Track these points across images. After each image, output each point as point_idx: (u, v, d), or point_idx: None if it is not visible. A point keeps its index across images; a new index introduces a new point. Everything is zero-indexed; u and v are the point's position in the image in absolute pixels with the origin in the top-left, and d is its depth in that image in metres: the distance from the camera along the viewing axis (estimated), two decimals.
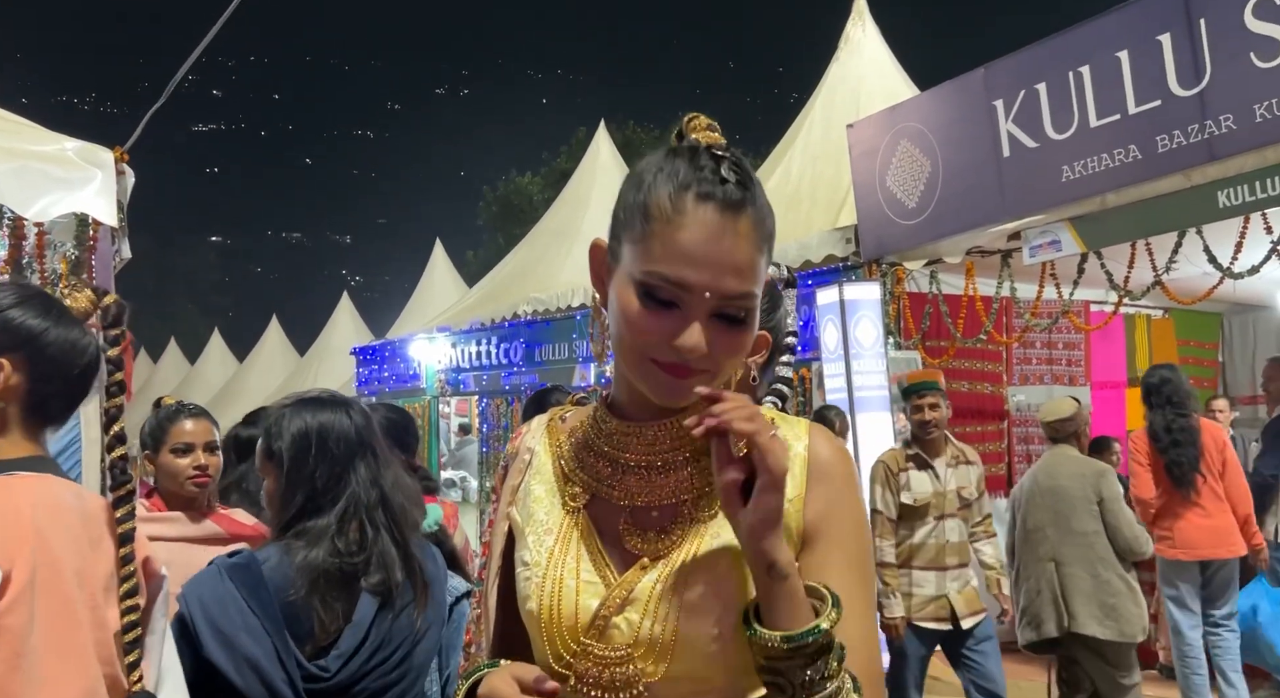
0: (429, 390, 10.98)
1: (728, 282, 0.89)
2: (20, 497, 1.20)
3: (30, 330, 1.29)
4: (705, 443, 0.94)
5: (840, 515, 0.96)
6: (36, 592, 1.13)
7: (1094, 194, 4.59)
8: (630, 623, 0.92)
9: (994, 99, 5.05)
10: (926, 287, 6.19)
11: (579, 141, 20.92)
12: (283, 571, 1.61)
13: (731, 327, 0.91)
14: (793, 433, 1.00)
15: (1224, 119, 3.94)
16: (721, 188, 0.90)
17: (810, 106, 8.39)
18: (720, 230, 0.89)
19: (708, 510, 0.96)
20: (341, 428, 1.71)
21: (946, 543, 4.13)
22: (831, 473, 0.98)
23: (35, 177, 2.40)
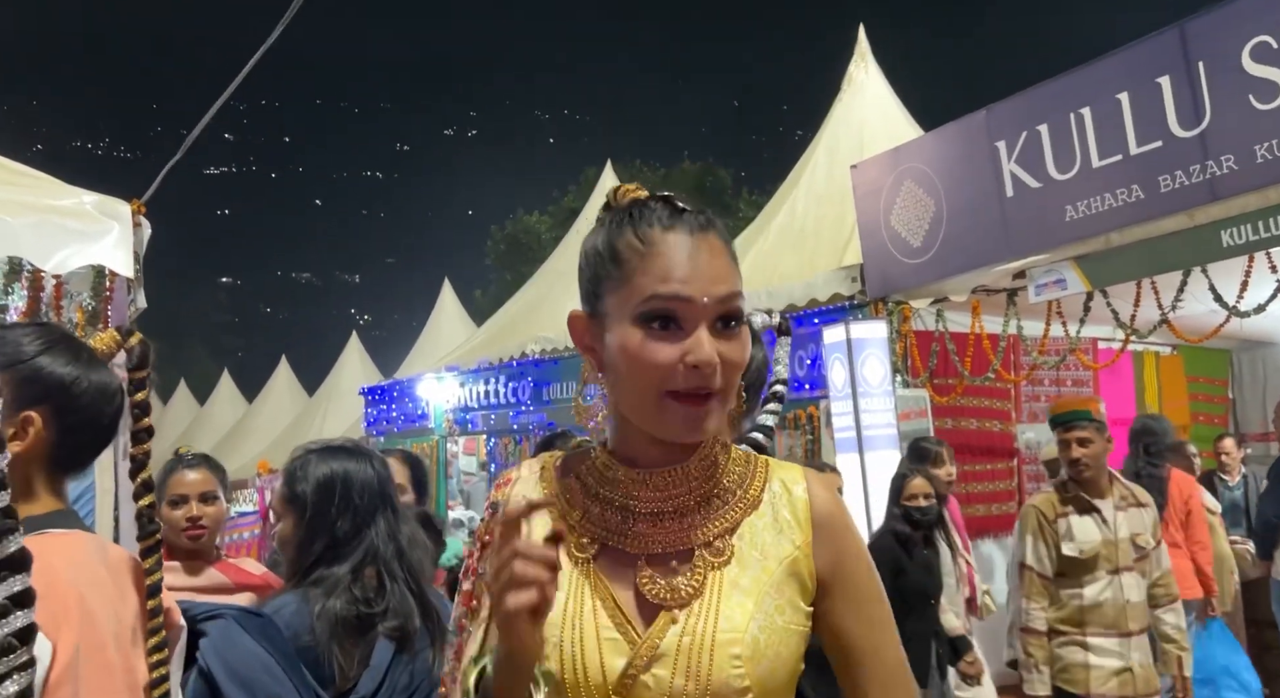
0: (437, 430, 10.98)
1: (718, 286, 0.95)
2: (57, 558, 1.14)
3: (61, 380, 1.21)
4: (713, 487, 0.99)
5: (851, 558, 1.01)
6: (80, 663, 1.08)
7: (1098, 233, 4.62)
8: (659, 679, 0.92)
9: (996, 140, 5.10)
10: (933, 325, 6.21)
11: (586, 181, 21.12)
12: (301, 617, 1.62)
13: (731, 332, 0.96)
14: (790, 477, 1.04)
15: (1225, 159, 3.97)
16: (682, 217, 0.97)
17: (814, 147, 8.48)
18: (695, 247, 0.96)
19: (720, 556, 0.98)
20: (365, 478, 1.74)
21: (1128, 603, 3.46)
22: (833, 520, 1.02)
23: (54, 230, 2.45)
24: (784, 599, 0.97)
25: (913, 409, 6.13)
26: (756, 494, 1.02)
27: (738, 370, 0.97)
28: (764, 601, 0.96)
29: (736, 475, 1.03)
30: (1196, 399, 7.46)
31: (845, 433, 5.95)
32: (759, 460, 1.06)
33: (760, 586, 0.97)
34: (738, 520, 1.00)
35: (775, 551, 0.99)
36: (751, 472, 1.04)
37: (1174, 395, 7.31)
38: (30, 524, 1.16)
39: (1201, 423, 7.33)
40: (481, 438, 10.61)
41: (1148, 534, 3.55)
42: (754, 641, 0.93)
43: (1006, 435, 6.59)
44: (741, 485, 1.02)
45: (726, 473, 1.03)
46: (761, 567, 0.98)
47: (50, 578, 1.09)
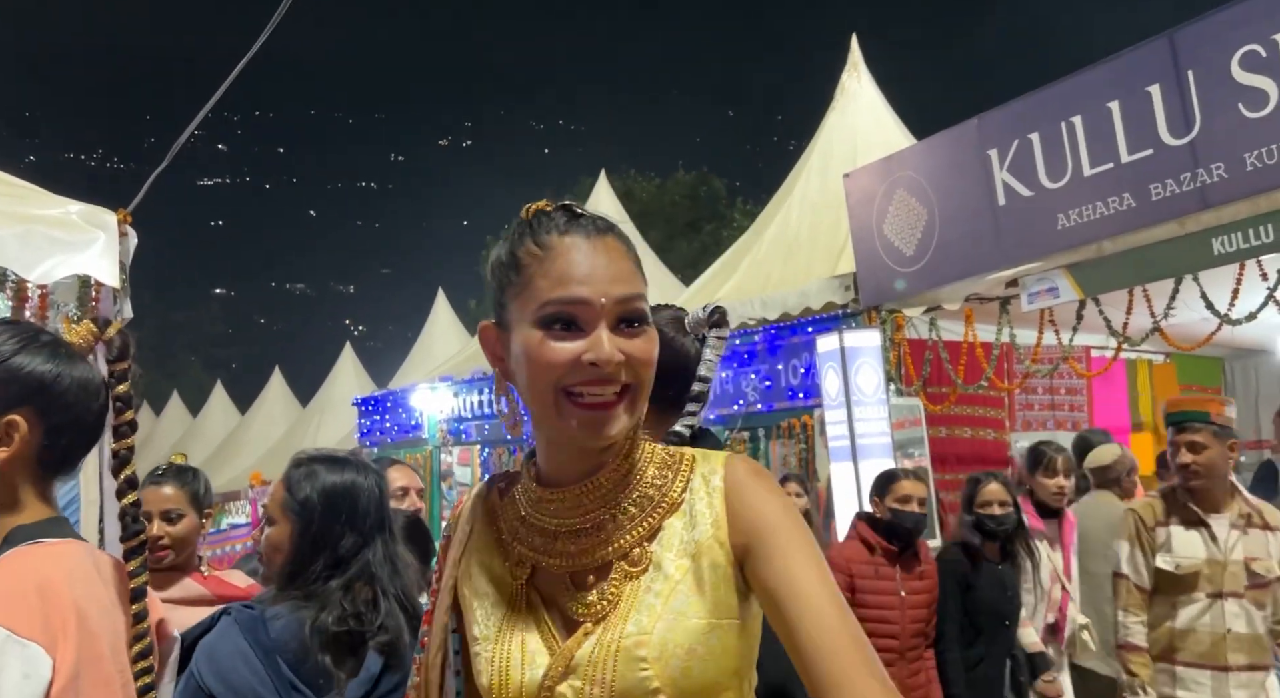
0: (431, 440, 10.95)
1: (616, 288, 0.95)
2: (53, 570, 1.11)
3: (41, 379, 1.15)
4: (629, 496, 0.98)
5: (761, 513, 0.96)
6: (81, 677, 1.06)
7: (1090, 241, 4.63)
8: (575, 689, 0.93)
9: (988, 149, 5.11)
10: (926, 333, 6.21)
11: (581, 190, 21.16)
12: (292, 629, 1.61)
13: (635, 330, 0.96)
14: (709, 469, 1.02)
15: (1215, 168, 3.98)
16: (579, 221, 0.99)
17: (808, 156, 8.51)
18: (592, 248, 0.97)
19: (637, 566, 0.97)
20: (370, 494, 1.74)
21: (1229, 633, 3.05)
22: (745, 483, 0.99)
23: (39, 240, 2.43)
24: (700, 594, 0.95)
25: (907, 418, 6.13)
26: (676, 496, 1.00)
27: (646, 367, 0.96)
28: (673, 599, 0.95)
29: (655, 479, 1.01)
30: None
31: (839, 442, 5.95)
32: (683, 458, 1.03)
33: (671, 584, 0.96)
34: (655, 526, 0.99)
35: (689, 546, 0.97)
36: (674, 473, 1.02)
37: None
38: (22, 534, 1.14)
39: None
40: (476, 448, 10.57)
41: (1271, 561, 3.10)
42: (661, 641, 0.92)
43: (1000, 444, 6.59)
44: (660, 489, 1.01)
45: (644, 480, 1.01)
46: (678, 568, 0.97)
47: (50, 593, 1.07)
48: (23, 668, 0.99)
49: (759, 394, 6.94)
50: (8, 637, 1.00)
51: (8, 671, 0.98)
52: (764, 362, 7.01)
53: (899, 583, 3.54)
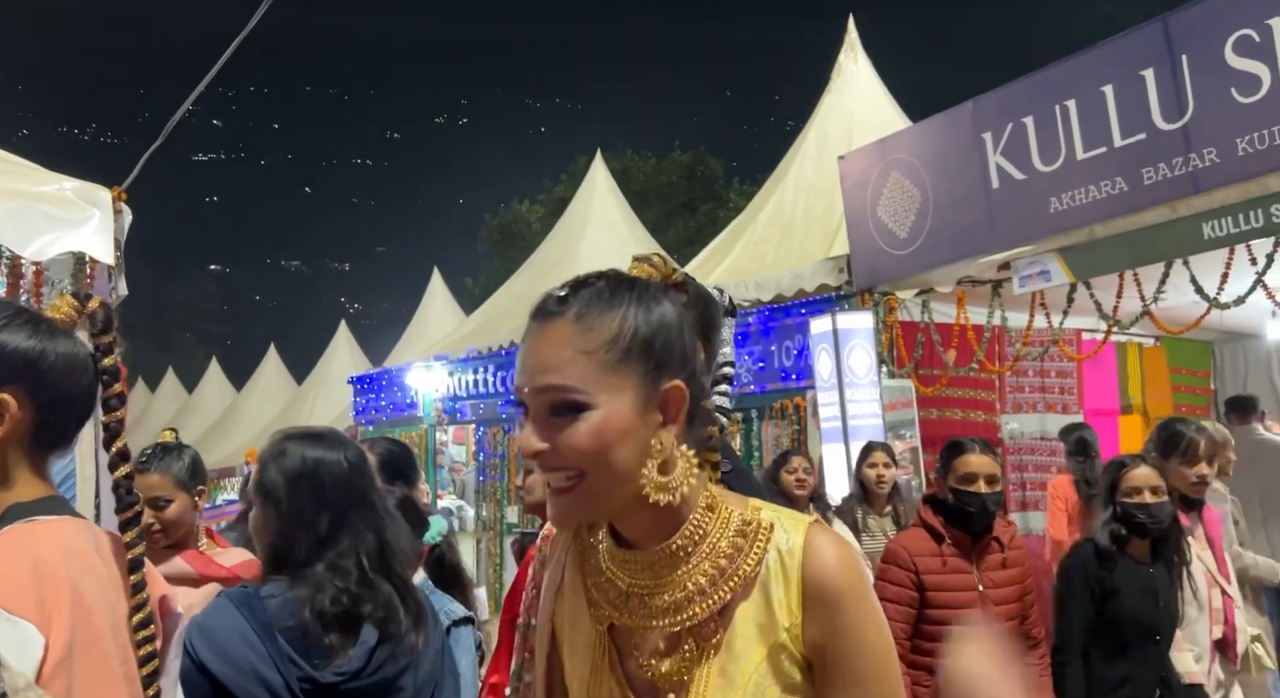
0: (426, 419, 10.98)
1: (537, 378, 0.97)
2: (48, 548, 1.10)
3: (26, 356, 1.14)
4: (700, 565, 0.99)
5: (843, 635, 0.95)
6: (75, 655, 1.05)
7: (1082, 225, 4.65)
8: None
9: (982, 131, 5.12)
10: (918, 316, 6.24)
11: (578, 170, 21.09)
12: (289, 607, 1.63)
13: (564, 418, 0.95)
14: (789, 543, 0.99)
15: (1207, 153, 4.00)
16: (541, 305, 1.02)
17: (803, 137, 8.49)
18: (534, 339, 1.00)
19: (708, 642, 0.98)
20: (338, 470, 1.73)
21: None
22: (826, 591, 0.96)
23: (34, 216, 2.43)
24: (777, 684, 0.96)
25: (899, 400, 6.17)
26: (750, 571, 0.99)
27: (583, 455, 0.95)
28: (749, 688, 0.96)
29: (729, 549, 1.00)
30: (1179, 390, 7.52)
31: (831, 423, 5.99)
32: (759, 526, 1.01)
33: (746, 675, 0.96)
34: (728, 600, 0.99)
35: (766, 634, 0.98)
36: (751, 540, 1.00)
37: (1156, 387, 7.37)
38: (17, 512, 1.13)
39: (1184, 414, 7.38)
40: (471, 427, 10.61)
41: None
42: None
43: (990, 426, 6.64)
44: (733, 561, 0.99)
45: (716, 550, 1.00)
46: (751, 655, 0.97)
47: (45, 571, 1.07)
48: (14, 645, 0.99)
49: (752, 375, 6.97)
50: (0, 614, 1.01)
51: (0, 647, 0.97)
52: (757, 343, 7.04)
53: (976, 576, 3.00)
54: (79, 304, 1.21)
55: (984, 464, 3.03)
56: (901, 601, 2.97)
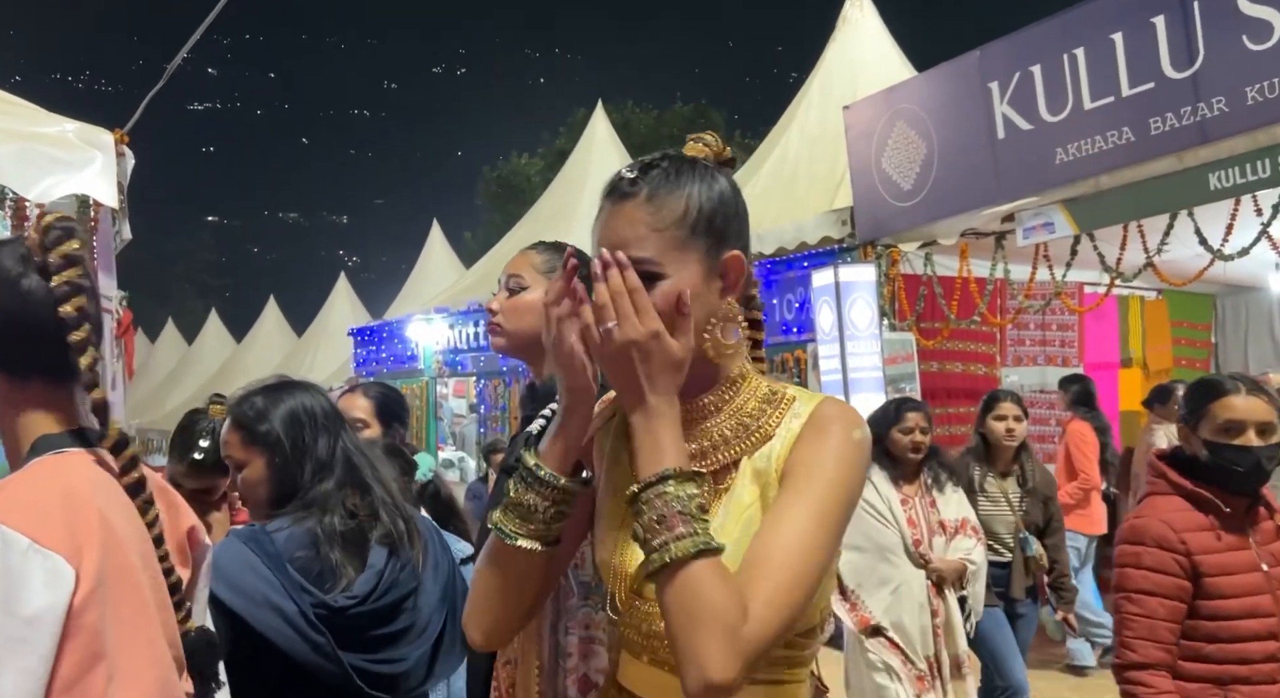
0: (427, 371, 11.01)
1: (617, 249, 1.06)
2: (77, 478, 1.11)
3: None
4: (724, 422, 1.12)
5: (814, 456, 1.05)
6: (107, 585, 1.06)
7: (1087, 176, 4.62)
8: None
9: (989, 81, 5.06)
10: (921, 268, 6.23)
11: (577, 122, 20.86)
12: (297, 538, 1.67)
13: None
14: (804, 407, 1.12)
15: (1216, 102, 3.96)
16: (615, 186, 1.11)
17: (808, 88, 8.39)
18: (610, 217, 1.10)
19: (721, 484, 1.10)
20: (321, 405, 1.82)
21: None
22: (819, 427, 1.08)
23: (37, 158, 2.41)
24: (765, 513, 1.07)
25: (899, 353, 6.18)
26: (768, 431, 1.11)
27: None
28: (745, 525, 1.06)
29: (754, 411, 1.12)
30: (1179, 344, 7.54)
31: (831, 376, 6.01)
32: (783, 399, 1.13)
33: (742, 510, 1.08)
34: (747, 451, 1.11)
35: (759, 478, 1.09)
36: (775, 406, 1.13)
37: (1157, 340, 7.38)
38: (46, 444, 1.14)
39: (1184, 367, 7.41)
40: (471, 380, 10.64)
41: None
42: (733, 556, 1.01)
43: (991, 379, 6.67)
44: (757, 421, 1.12)
45: (744, 411, 1.13)
46: (750, 494, 1.09)
47: (75, 501, 1.08)
48: (44, 577, 1.00)
49: None
50: (29, 546, 1.01)
51: (31, 580, 1.00)
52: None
53: (1255, 552, 2.18)
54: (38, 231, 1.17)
55: (1255, 409, 2.19)
56: (1169, 593, 2.12)
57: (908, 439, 3.54)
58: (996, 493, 3.95)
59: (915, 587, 3.40)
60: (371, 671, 1.66)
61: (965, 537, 3.54)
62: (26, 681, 0.98)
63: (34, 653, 0.99)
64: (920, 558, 3.43)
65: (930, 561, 3.43)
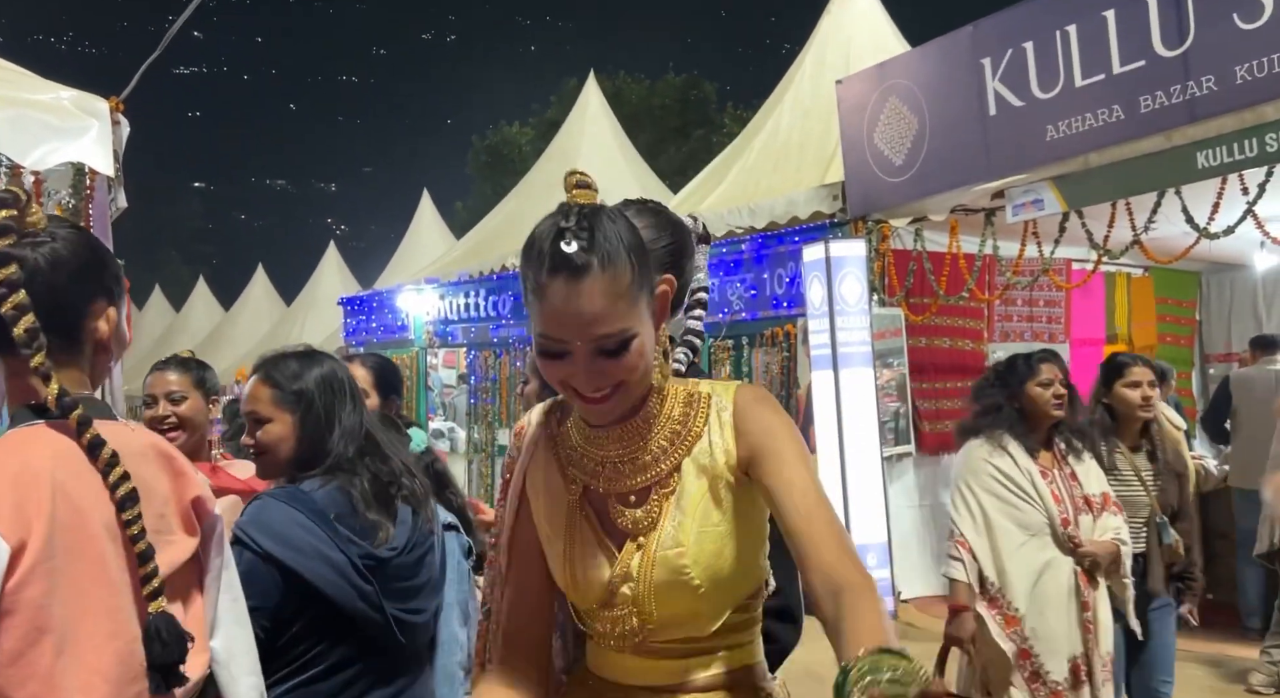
0: (417, 342, 11.01)
1: (591, 330, 1.08)
2: (38, 453, 1.09)
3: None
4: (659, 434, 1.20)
5: (764, 432, 1.16)
6: (58, 557, 1.05)
7: (1077, 154, 4.66)
8: (632, 589, 1.18)
9: (982, 57, 5.07)
10: (911, 244, 6.26)
11: (569, 91, 20.69)
12: (332, 495, 1.74)
13: (615, 356, 1.10)
14: (722, 403, 1.20)
15: (1205, 80, 3.99)
16: (566, 261, 1.08)
17: (801, 61, 8.36)
18: (571, 295, 1.08)
19: (667, 488, 1.19)
20: (346, 374, 1.91)
21: None
22: (748, 409, 1.18)
23: (32, 125, 2.41)
24: (717, 507, 1.17)
25: (888, 329, 6.24)
26: (699, 429, 1.20)
27: (632, 372, 1.12)
28: (700, 515, 1.17)
29: (680, 417, 1.21)
30: (1165, 320, 7.62)
31: (821, 350, 6.06)
32: (701, 397, 1.22)
33: (694, 503, 1.17)
34: (681, 459, 1.20)
35: (706, 473, 1.19)
36: (696, 406, 1.21)
37: (1143, 316, 7.46)
38: (20, 417, 1.14)
39: (1168, 344, 7.50)
40: (461, 351, 10.65)
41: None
42: (696, 551, 1.15)
43: (978, 354, 6.73)
44: (685, 425, 1.20)
45: (673, 419, 1.21)
46: (698, 488, 1.18)
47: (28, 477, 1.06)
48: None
49: (744, 303, 7.01)
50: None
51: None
52: (750, 270, 7.06)
53: None
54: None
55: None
56: None
57: (1049, 393, 2.93)
58: (1128, 471, 3.24)
59: (1063, 575, 2.83)
60: (404, 620, 1.76)
61: (1111, 513, 2.93)
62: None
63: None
64: (1068, 541, 2.84)
65: (1080, 543, 2.84)
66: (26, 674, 1.02)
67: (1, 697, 1.01)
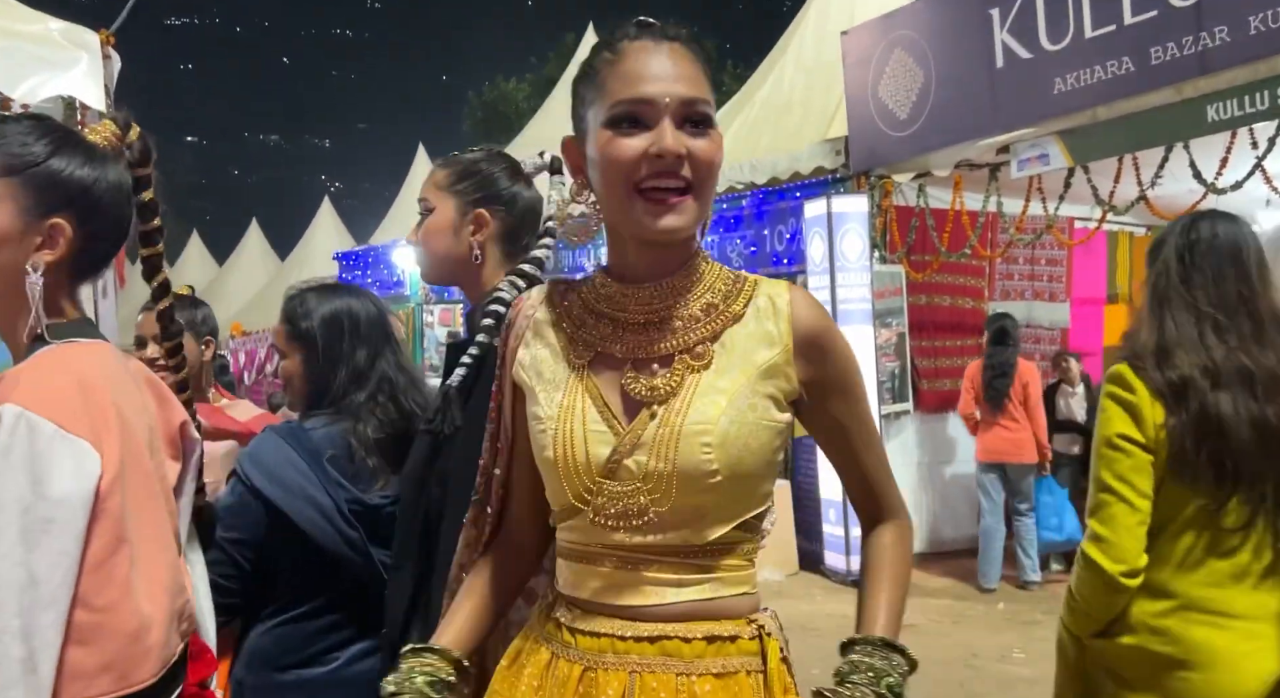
0: (413, 298, 10.97)
1: (679, 87, 1.02)
2: (91, 368, 1.12)
3: (82, 183, 1.13)
4: (697, 299, 1.10)
5: (839, 361, 1.12)
6: (125, 472, 1.09)
7: (1085, 107, 4.59)
8: (639, 464, 1.04)
9: (990, 7, 4.98)
10: (914, 200, 6.20)
11: (566, 47, 20.41)
12: (332, 437, 1.71)
13: (698, 131, 1.03)
14: (776, 292, 1.12)
15: (1219, 31, 3.92)
16: (648, 29, 1.06)
17: (804, 14, 8.22)
18: (657, 52, 1.04)
19: (700, 360, 1.08)
20: (369, 312, 1.82)
21: None
22: (816, 330, 1.11)
23: (21, 56, 2.36)
24: (758, 397, 1.06)
25: (888, 287, 6.20)
26: (741, 308, 1.10)
27: (708, 168, 1.04)
28: (738, 398, 1.05)
29: (723, 290, 1.11)
30: None
31: None
32: (748, 279, 1.13)
33: (736, 385, 1.06)
34: (719, 330, 1.09)
35: (755, 356, 1.08)
36: (739, 289, 1.12)
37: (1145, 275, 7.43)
38: (56, 332, 1.15)
39: None
40: (458, 308, 10.61)
41: None
42: (724, 431, 1.03)
43: (977, 312, 6.71)
44: (727, 300, 1.11)
45: (712, 288, 1.11)
46: (740, 370, 1.07)
47: (90, 390, 1.09)
48: (72, 462, 1.03)
49: (744, 259, 6.96)
50: (56, 432, 1.03)
51: (60, 465, 1.02)
52: (750, 227, 7.00)
53: None
54: (120, 131, 1.20)
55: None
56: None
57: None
58: None
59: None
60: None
61: None
62: (62, 559, 1.01)
63: (66, 533, 1.01)
64: None
65: None
66: (105, 581, 1.05)
67: (81, 601, 1.03)
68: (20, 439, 1.01)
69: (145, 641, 1.08)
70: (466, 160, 1.62)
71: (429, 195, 1.60)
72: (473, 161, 1.61)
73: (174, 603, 1.16)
